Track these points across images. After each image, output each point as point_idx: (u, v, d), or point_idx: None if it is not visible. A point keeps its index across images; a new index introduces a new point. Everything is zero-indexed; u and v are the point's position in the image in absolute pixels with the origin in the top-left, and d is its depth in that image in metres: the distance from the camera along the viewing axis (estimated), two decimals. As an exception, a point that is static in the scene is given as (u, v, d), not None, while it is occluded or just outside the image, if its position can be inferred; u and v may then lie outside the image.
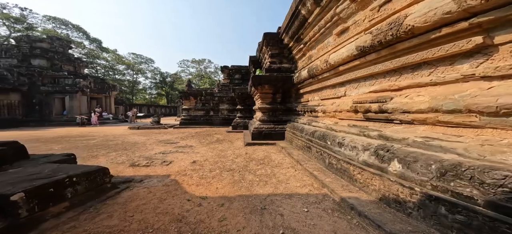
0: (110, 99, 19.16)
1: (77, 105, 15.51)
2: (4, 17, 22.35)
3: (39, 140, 6.89)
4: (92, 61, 31.66)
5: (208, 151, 5.09)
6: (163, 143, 6.24)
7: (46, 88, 14.77)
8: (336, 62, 3.23)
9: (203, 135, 8.24)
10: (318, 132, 3.60)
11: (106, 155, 4.58)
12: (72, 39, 27.51)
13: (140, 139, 7.23)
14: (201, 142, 6.51)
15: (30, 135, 8.72)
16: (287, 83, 6.05)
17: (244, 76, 13.31)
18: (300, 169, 3.44)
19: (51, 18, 26.59)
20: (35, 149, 5.55)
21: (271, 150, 5.09)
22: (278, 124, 6.12)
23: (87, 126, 13.42)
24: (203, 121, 11.85)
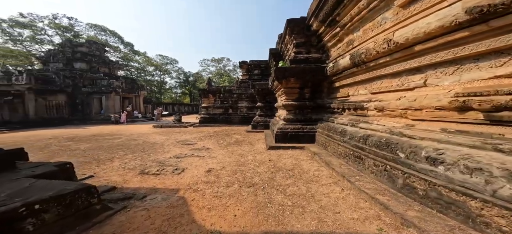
0: (139, 98, 20.56)
1: (111, 104, 16.94)
2: (56, 26, 26.20)
3: (73, 139, 7.31)
4: (127, 64, 35.03)
5: (225, 156, 4.45)
6: (180, 144, 5.88)
7: (86, 89, 16.46)
8: (410, 39, 2.14)
9: (221, 135, 7.74)
10: (373, 137, 2.56)
11: (122, 157, 4.32)
12: (108, 43, 30.77)
13: (160, 138, 7.09)
14: (219, 144, 5.95)
15: (69, 133, 9.54)
16: (317, 76, 4.99)
17: (263, 72, 12.46)
18: (350, 189, 2.47)
19: (93, 26, 30.19)
20: (64, 147, 5.75)
21: (301, 156, 4.18)
22: (307, 123, 5.13)
23: (119, 124, 14.46)
24: (222, 119, 11.48)
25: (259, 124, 8.56)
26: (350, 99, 3.86)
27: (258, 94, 8.82)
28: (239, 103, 11.61)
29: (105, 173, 3.26)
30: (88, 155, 4.55)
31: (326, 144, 4.07)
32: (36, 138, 7.82)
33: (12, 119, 11.92)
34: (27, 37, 25.32)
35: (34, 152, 4.99)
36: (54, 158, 4.25)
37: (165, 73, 45.41)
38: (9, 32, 24.15)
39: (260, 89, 8.58)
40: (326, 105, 4.92)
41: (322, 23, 4.76)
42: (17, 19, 24.32)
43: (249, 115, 11.52)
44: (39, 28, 25.96)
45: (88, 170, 3.43)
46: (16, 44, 24.68)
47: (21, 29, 24.83)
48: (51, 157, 4.40)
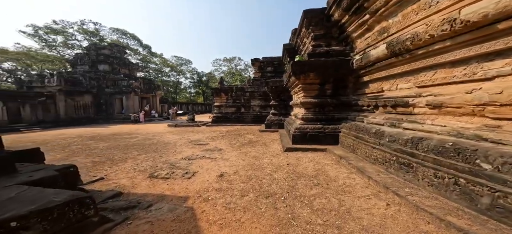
0: (156, 98, 21.40)
1: (131, 104, 17.83)
2: (83, 31, 28.59)
3: (94, 138, 7.63)
4: (146, 65, 36.99)
5: (239, 158, 4.12)
6: (192, 144, 5.72)
7: (109, 90, 17.52)
8: (490, 15, 1.56)
9: (234, 135, 7.47)
10: (430, 140, 1.99)
11: (135, 157, 4.24)
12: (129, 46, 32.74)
13: (173, 138, 7.05)
14: (232, 144, 5.66)
15: (92, 132, 10.08)
16: (341, 70, 4.41)
17: (277, 69, 11.95)
18: (399, 204, 1.95)
19: (115, 30, 32.42)
20: (85, 146, 5.93)
21: (324, 160, 3.67)
22: (329, 123, 4.57)
23: (137, 123, 15.10)
24: (234, 119, 11.27)
25: (273, 123, 8.12)
26: (386, 94, 3.25)
27: (271, 92, 8.38)
28: (252, 102, 11.28)
29: (116, 174, 3.14)
30: (104, 155, 4.56)
31: (354, 147, 3.51)
32: (63, 136, 8.33)
33: (45, 119, 13.09)
34: (60, 42, 27.95)
35: (57, 151, 5.19)
36: (72, 158, 4.32)
37: (180, 73, 47.07)
38: (45, 39, 26.89)
39: (274, 86, 8.14)
40: (352, 103, 4.32)
41: (346, 11, 4.18)
42: (51, 26, 26.98)
43: (262, 114, 11.13)
44: (70, 34, 28.52)
45: (100, 171, 3.35)
46: (51, 50, 27.40)
47: (54, 35, 27.50)
48: (70, 156, 4.50)
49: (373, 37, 3.71)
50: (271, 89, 8.23)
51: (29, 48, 26.10)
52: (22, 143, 6.70)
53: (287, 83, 6.38)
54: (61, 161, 4.01)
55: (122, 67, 18.69)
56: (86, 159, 4.13)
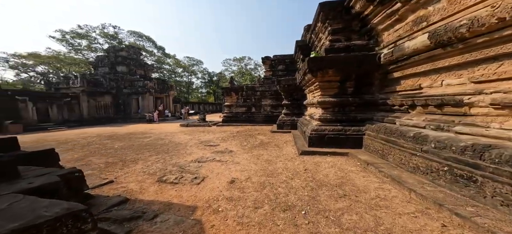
0: (169, 98, 22.06)
1: (146, 104, 18.54)
2: (104, 35, 30.53)
3: (112, 137, 7.90)
4: (160, 67, 38.52)
5: (250, 161, 3.86)
6: (202, 145, 5.59)
7: (126, 90, 18.37)
8: None
9: (245, 136, 7.24)
10: (503, 150, 1.54)
11: (146, 159, 4.18)
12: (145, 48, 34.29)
13: (184, 138, 7.02)
14: (242, 146, 5.43)
15: (110, 131, 10.54)
16: (365, 66, 3.94)
17: (288, 67, 11.51)
18: (464, 228, 1.53)
19: (132, 32, 34.22)
20: (102, 145, 6.11)
21: (346, 166, 3.27)
22: (350, 124, 4.12)
23: (152, 123, 15.62)
24: (245, 118, 11.07)
25: (285, 123, 7.75)
26: (426, 92, 2.75)
27: (283, 91, 8.01)
28: (263, 101, 10.98)
29: (126, 177, 3.05)
30: (118, 155, 4.59)
31: (384, 152, 3.06)
32: (84, 135, 8.77)
33: (70, 118, 14.07)
34: (84, 46, 30.12)
35: (76, 150, 5.37)
36: (88, 158, 4.40)
37: (192, 74, 48.28)
38: (71, 43, 29.16)
39: (286, 85, 7.76)
40: (378, 102, 3.83)
41: (370, 2, 3.73)
42: (76, 31, 29.19)
43: (273, 114, 10.79)
44: (93, 37, 30.61)
45: (111, 173, 3.30)
46: (77, 53, 29.63)
47: (79, 39, 29.69)
48: (86, 156, 4.59)
49: (406, 28, 3.21)
50: (283, 88, 7.86)
51: (58, 52, 28.50)
52: (47, 141, 7.13)
53: (301, 82, 5.98)
54: (77, 161, 4.09)
55: (138, 68, 19.49)
56: (100, 159, 4.17)
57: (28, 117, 11.25)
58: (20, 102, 10.91)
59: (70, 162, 3.93)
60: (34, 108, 11.73)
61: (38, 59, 26.68)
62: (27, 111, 11.28)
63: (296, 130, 7.17)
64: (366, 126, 3.84)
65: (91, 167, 3.56)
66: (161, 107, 19.62)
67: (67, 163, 3.84)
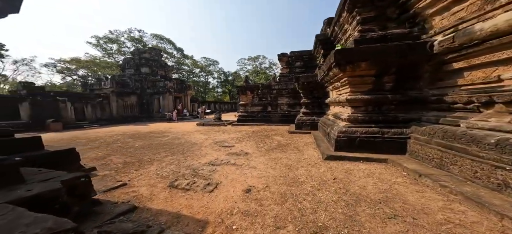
0: (187, 97, 22.91)
1: (166, 103, 19.49)
2: (131, 39, 33.24)
3: (134, 136, 8.29)
4: (179, 68, 40.52)
5: (268, 166, 3.48)
6: (217, 146, 5.39)
7: (149, 90, 19.54)
8: None
9: (261, 136, 6.88)
10: None
11: (162, 159, 4.11)
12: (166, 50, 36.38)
13: (199, 138, 6.96)
14: (259, 147, 5.07)
15: (134, 130, 11.19)
16: (411, 56, 3.22)
17: (307, 64, 10.78)
18: None
19: (155, 35, 36.63)
20: (124, 144, 6.36)
21: (388, 175, 2.67)
22: (389, 125, 3.44)
23: (171, 122, 16.31)
24: (260, 118, 10.71)
25: (304, 123, 7.17)
26: (509, 85, 2.02)
27: (303, 89, 7.41)
28: (279, 100, 10.48)
29: (139, 180, 2.94)
30: (136, 154, 4.63)
31: (445, 161, 2.39)
32: (111, 133, 9.40)
33: (102, 117, 15.47)
34: (115, 50, 33.14)
35: (101, 148, 5.64)
36: (109, 157, 4.52)
37: (208, 74, 49.77)
38: (104, 48, 32.36)
39: (305, 82, 7.15)
40: (430, 99, 3.09)
41: None
42: (108, 36, 32.28)
43: (290, 113, 10.21)
44: (122, 42, 33.52)
45: (126, 174, 3.25)
46: (109, 57, 32.77)
47: (111, 44, 32.79)
48: (108, 155, 4.73)
49: (472, 8, 2.49)
50: (302, 86, 7.27)
51: (95, 57, 31.89)
52: (79, 139, 7.76)
53: (324, 78, 5.36)
54: (99, 160, 4.20)
55: (159, 69, 20.57)
56: (120, 159, 4.22)
57: (67, 116, 12.61)
58: (61, 103, 12.28)
59: (92, 161, 4.05)
60: (72, 108, 13.12)
61: (79, 63, 30.19)
62: (66, 111, 12.65)
63: (316, 131, 6.55)
64: (411, 127, 3.14)
65: (109, 167, 3.58)
66: (179, 107, 20.44)
67: (90, 162, 3.95)
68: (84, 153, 4.85)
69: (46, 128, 10.55)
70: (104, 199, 2.21)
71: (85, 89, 17.22)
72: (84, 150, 5.30)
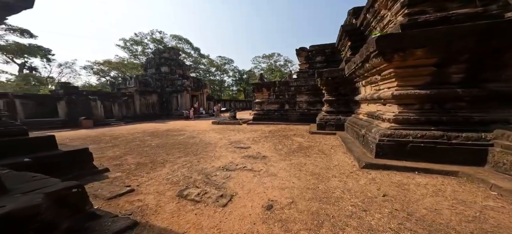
0: (203, 96, 23.34)
1: (184, 102, 20.08)
2: (153, 40, 35.30)
3: (153, 134, 8.44)
4: (197, 67, 41.90)
5: (291, 174, 2.94)
6: (232, 147, 5.01)
7: (169, 89, 20.33)
8: None
9: (279, 136, 6.32)
10: None
11: (175, 161, 3.86)
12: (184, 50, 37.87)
13: (214, 137, 6.71)
14: (277, 150, 4.54)
15: (153, 127, 11.58)
16: (495, 39, 2.34)
17: (329, 58, 9.81)
18: None
19: (174, 36, 38.42)
20: (142, 142, 6.42)
21: (469, 195, 1.92)
22: (459, 128, 2.61)
23: (188, 120, 16.67)
24: (277, 116, 10.11)
25: (328, 123, 6.39)
26: None
27: (326, 85, 6.61)
28: (298, 97, 9.73)
29: (148, 186, 2.67)
30: (151, 154, 4.50)
31: None
32: (133, 131, 9.80)
33: (127, 114, 16.54)
34: (140, 51, 35.56)
35: (120, 146, 5.71)
36: (125, 156, 4.46)
37: (223, 72, 50.56)
38: (131, 50, 34.95)
39: (329, 78, 6.34)
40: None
41: None
42: (134, 38, 34.80)
43: (310, 112, 9.41)
44: (145, 43, 35.81)
45: (137, 177, 3.03)
46: (135, 58, 35.31)
47: (136, 46, 35.26)
48: (125, 154, 4.69)
49: None
50: (326, 82, 6.48)
51: (123, 58, 34.71)
52: (105, 136, 8.16)
53: (355, 72, 4.55)
54: (114, 160, 4.13)
55: (177, 68, 21.27)
56: (134, 159, 4.11)
57: (97, 113, 13.69)
58: (92, 101, 13.37)
59: (108, 160, 3.99)
60: (102, 106, 14.20)
61: (110, 65, 33.13)
62: (97, 108, 13.73)
63: (343, 132, 5.74)
64: (495, 131, 2.28)
65: (122, 168, 3.43)
66: (196, 105, 20.88)
67: (107, 162, 3.89)
68: (104, 151, 4.91)
69: (79, 124, 11.53)
70: (106, 209, 1.94)
71: (113, 89, 18.62)
72: (106, 148, 5.40)
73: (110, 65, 33.28)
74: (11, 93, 10.50)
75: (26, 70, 26.59)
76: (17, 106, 10.33)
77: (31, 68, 27.12)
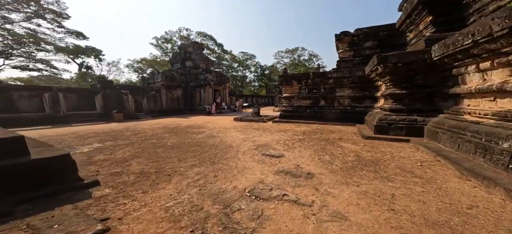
0: (226, 90, 22.90)
1: (206, 96, 19.92)
2: (180, 38, 36.81)
3: (172, 130, 7.92)
4: (220, 63, 42.40)
5: (375, 217, 1.52)
6: (259, 154, 3.79)
7: (192, 84, 20.44)
8: None
9: (318, 140, 4.83)
10: None
11: (184, 174, 2.87)
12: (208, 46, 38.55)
13: (236, 138, 5.63)
14: (325, 162, 3.12)
15: (176, 123, 11.33)
16: None
17: (384, 43, 7.59)
18: None
19: (199, 33, 39.59)
20: (158, 140, 5.79)
21: None
22: None
23: (210, 115, 16.29)
24: (310, 114, 8.48)
25: (393, 125, 4.57)
26: None
27: (393, 73, 4.74)
28: (338, 92, 7.88)
29: (134, 222, 1.67)
30: (161, 159, 3.66)
31: None
32: (156, 126, 9.58)
33: (154, 108, 17.15)
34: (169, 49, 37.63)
35: (134, 146, 5.14)
36: (133, 159, 3.73)
37: (246, 68, 50.15)
38: (162, 47, 37.29)
39: (399, 63, 4.47)
40: None
41: None
42: (164, 37, 37.01)
43: (354, 109, 7.50)
44: (174, 41, 37.70)
45: (128, 199, 2.09)
46: (166, 56, 37.57)
47: (167, 44, 37.43)
48: (133, 156, 3.99)
49: None
50: (393, 69, 4.62)
51: (156, 56, 37.43)
52: (129, 130, 8.02)
53: (464, 51, 2.73)
54: (118, 165, 3.39)
55: (201, 63, 21.23)
56: (139, 165, 3.28)
57: (129, 107, 14.36)
58: (124, 95, 14.04)
59: (110, 166, 3.25)
60: (133, 100, 14.87)
61: (146, 62, 36.08)
62: (128, 102, 14.41)
63: (421, 138, 3.91)
64: None
65: (118, 180, 2.58)
66: (218, 100, 20.51)
67: (107, 167, 3.16)
68: (115, 151, 4.31)
69: (111, 117, 12.12)
70: None
71: (144, 83, 19.63)
72: (119, 146, 4.85)
73: (146, 63, 36.15)
74: (55, 87, 11.55)
75: (84, 69, 30.85)
76: (60, 99, 11.32)
77: (87, 67, 31.38)
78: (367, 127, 5.86)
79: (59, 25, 25.35)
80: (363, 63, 7.48)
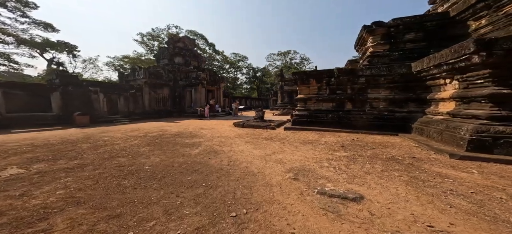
0: (220, 91, 20.76)
1: (198, 97, 17.60)
2: (169, 35, 33.82)
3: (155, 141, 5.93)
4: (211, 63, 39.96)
5: None
6: (308, 189, 2.00)
7: (182, 82, 17.99)
8: None
9: (381, 160, 3.18)
10: None
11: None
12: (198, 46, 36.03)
13: (250, 154, 3.82)
14: (454, 208, 1.43)
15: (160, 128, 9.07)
16: None
17: (430, 35, 6.34)
18: None
19: (189, 31, 36.85)
20: (131, 159, 3.72)
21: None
22: None
23: (203, 119, 14.09)
24: (332, 120, 6.94)
25: (501, 140, 3.11)
26: None
27: (497, 65, 3.33)
28: (369, 93, 6.47)
29: None
30: (129, 205, 1.71)
31: None
32: (131, 134, 7.31)
33: (135, 110, 14.41)
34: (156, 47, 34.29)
35: (78, 175, 3.05)
36: (69, 208, 1.69)
37: (237, 69, 48.48)
38: (148, 45, 33.83)
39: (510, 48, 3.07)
40: None
41: None
42: (151, 33, 33.69)
43: (394, 114, 6.10)
44: (162, 38, 34.48)
45: None
46: (152, 54, 34.11)
47: (153, 41, 34.07)
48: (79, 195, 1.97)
49: None
50: (505, 57, 3.20)
51: (140, 54, 33.85)
52: (86, 142, 5.71)
53: None
54: (31, 225, 1.34)
55: (192, 60, 18.96)
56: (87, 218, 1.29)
57: (99, 108, 11.59)
58: (93, 94, 11.28)
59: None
60: (105, 99, 12.10)
61: (128, 60, 32.31)
62: (98, 102, 11.64)
63: None
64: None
65: None
66: (212, 102, 18.30)
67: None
68: (40, 184, 2.22)
69: (72, 121, 9.39)
70: None
71: (121, 81, 16.71)
72: (58, 171, 2.73)
73: (128, 61, 32.49)
74: (-9, 80, 8.55)
75: (54, 65, 26.40)
76: (-2, 97, 8.36)
77: (58, 64, 27.01)
78: (429, 139, 4.40)
79: (23, 15, 21.20)
80: (403, 59, 6.17)
